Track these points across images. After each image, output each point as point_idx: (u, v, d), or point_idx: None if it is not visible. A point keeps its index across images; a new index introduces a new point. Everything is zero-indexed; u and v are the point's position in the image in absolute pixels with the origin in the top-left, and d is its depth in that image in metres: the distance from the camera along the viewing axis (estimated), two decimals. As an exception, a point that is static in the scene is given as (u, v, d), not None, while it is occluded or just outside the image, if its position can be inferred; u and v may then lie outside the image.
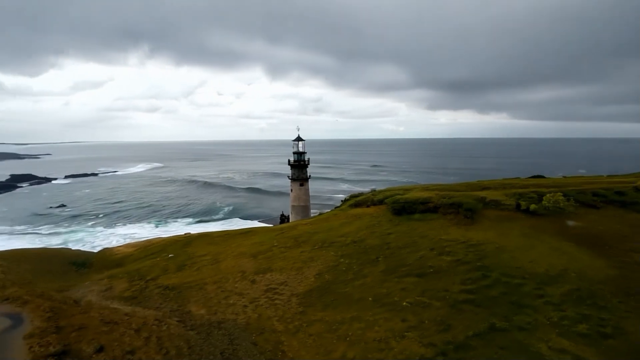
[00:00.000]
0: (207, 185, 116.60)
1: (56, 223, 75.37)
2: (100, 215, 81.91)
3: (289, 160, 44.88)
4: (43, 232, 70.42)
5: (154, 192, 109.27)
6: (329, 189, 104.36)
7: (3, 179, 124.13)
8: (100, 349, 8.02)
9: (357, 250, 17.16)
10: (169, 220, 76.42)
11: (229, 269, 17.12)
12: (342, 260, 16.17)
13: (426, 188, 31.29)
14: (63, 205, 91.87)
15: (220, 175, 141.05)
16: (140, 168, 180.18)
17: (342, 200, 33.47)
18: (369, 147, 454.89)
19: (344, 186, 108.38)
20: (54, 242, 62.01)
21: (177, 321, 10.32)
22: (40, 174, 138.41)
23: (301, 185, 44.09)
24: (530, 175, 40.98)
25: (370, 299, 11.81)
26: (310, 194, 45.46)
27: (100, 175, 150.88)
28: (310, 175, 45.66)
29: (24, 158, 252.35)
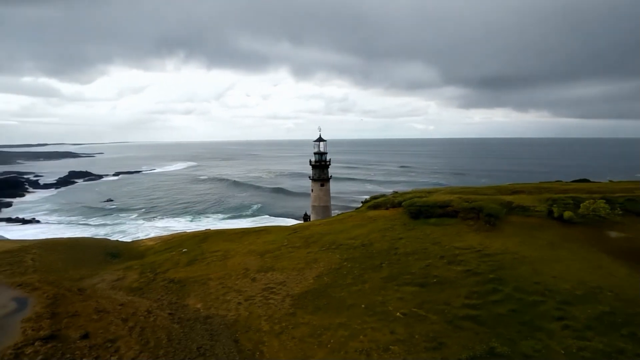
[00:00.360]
0: (237, 184, 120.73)
1: (104, 215, 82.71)
2: (142, 210, 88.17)
3: (310, 161, 44.92)
4: (92, 223, 77.28)
5: (189, 189, 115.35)
6: (355, 189, 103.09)
7: (63, 175, 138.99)
8: (85, 336, 8.40)
9: (363, 254, 16.61)
10: (202, 216, 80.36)
11: (234, 266, 17.40)
12: (345, 263, 15.72)
13: (451, 191, 29.72)
14: (110, 200, 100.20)
15: (249, 175, 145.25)
16: (176, 167, 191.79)
17: (362, 202, 32.83)
18: (397, 147, 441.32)
19: (370, 187, 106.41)
20: (101, 233, 67.75)
21: (168, 313, 10.60)
22: (93, 171, 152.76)
23: (322, 185, 43.94)
24: (573, 179, 37.41)
25: (363, 306, 11.29)
26: (333, 195, 45.13)
27: (142, 172, 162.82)
28: (331, 176, 45.36)
29: (80, 157, 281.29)
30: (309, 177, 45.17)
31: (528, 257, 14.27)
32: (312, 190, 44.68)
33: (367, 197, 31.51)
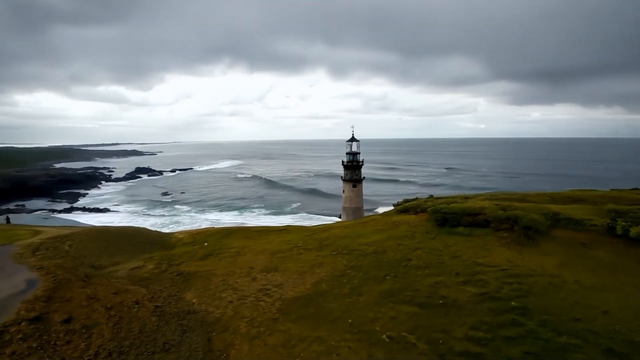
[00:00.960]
0: (276, 182, 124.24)
1: (162, 207, 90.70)
2: (194, 203, 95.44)
3: (342, 161, 44.13)
4: (152, 214, 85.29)
5: (234, 186, 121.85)
6: (392, 192, 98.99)
7: (130, 171, 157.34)
8: (67, 320, 8.91)
9: (370, 263, 15.53)
10: (246, 211, 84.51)
11: (242, 264, 17.55)
12: (349, 271, 14.83)
13: (491, 196, 26.81)
14: (168, 194, 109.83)
15: (288, 174, 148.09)
16: (223, 164, 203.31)
17: (394, 205, 31.19)
18: (442, 147, 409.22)
19: (409, 190, 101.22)
20: (159, 222, 74.58)
21: (154, 306, 10.90)
22: (155, 167, 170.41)
23: (354, 186, 42.86)
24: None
25: (349, 320, 10.35)
26: (368, 196, 43.83)
27: (194, 169, 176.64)
28: (364, 177, 44.06)
29: (144, 154, 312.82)
30: (341, 177, 44.42)
31: (570, 283, 11.58)
32: (343, 191, 43.85)
33: (401, 200, 29.76)
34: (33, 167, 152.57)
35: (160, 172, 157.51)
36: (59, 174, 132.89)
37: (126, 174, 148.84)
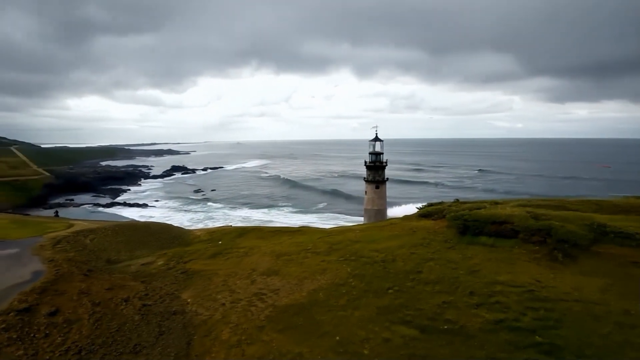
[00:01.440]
0: (302, 182, 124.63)
1: (196, 204, 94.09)
2: (225, 200, 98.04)
3: (365, 162, 42.86)
4: (186, 209, 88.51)
5: (262, 184, 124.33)
6: (419, 194, 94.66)
7: (167, 169, 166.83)
8: (52, 313, 9.01)
9: (376, 272, 14.46)
10: (274, 209, 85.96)
11: (246, 265, 17.26)
12: (350, 280, 13.91)
13: (524, 203, 24.46)
14: (200, 191, 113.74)
15: (314, 174, 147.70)
16: (251, 164, 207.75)
17: (417, 208, 29.58)
18: (474, 147, 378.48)
19: (438, 192, 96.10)
20: (195, 217, 78.11)
21: (142, 304, 10.84)
22: (189, 166, 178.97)
23: (377, 187, 41.41)
24: None
25: (337, 338, 9.41)
26: (392, 199, 42.25)
27: (225, 168, 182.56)
28: (387, 178, 42.49)
29: (179, 153, 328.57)
30: (364, 178, 43.18)
31: (617, 313, 9.36)
32: (365, 192, 42.57)
33: (424, 203, 28.05)
34: (82, 165, 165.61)
35: (193, 171, 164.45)
36: (104, 171, 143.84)
37: (163, 172, 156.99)
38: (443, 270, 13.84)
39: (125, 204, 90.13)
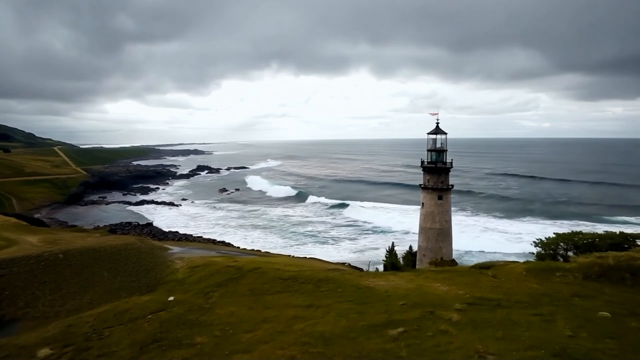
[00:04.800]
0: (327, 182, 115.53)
1: (220, 202, 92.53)
2: (245, 200, 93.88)
3: (422, 162, 30.87)
4: (211, 209, 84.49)
5: (283, 183, 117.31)
6: (470, 205, 78.30)
7: (193, 168, 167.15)
8: None
9: None
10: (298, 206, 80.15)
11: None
12: None
13: None
14: (226, 190, 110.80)
15: (345, 176, 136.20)
16: (272, 164, 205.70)
17: (535, 242, 16.37)
18: (503, 147, 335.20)
19: (496, 203, 79.30)
20: (221, 214, 76.94)
21: None
22: (213, 165, 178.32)
23: (439, 198, 29.42)
24: None
25: None
26: (451, 216, 29.95)
27: (248, 168, 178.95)
28: (452, 185, 30.26)
29: (204, 153, 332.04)
30: (420, 185, 31.22)
31: None
32: (422, 204, 30.54)
33: (542, 238, 15.06)
34: (116, 164, 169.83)
35: (218, 170, 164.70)
36: (135, 170, 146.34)
37: (189, 171, 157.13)
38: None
39: (153, 202, 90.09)
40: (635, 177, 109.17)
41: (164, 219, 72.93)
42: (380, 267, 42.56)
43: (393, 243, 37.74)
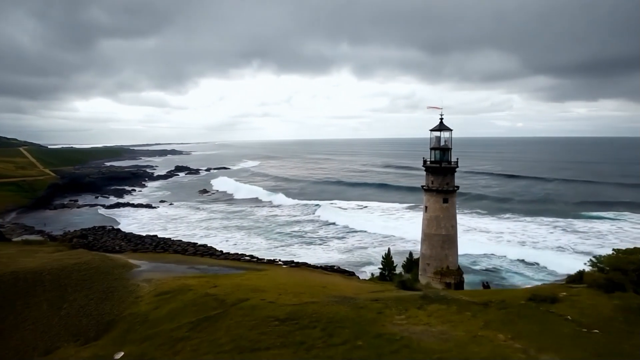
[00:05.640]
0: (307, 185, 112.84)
1: (202, 202, 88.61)
2: (227, 200, 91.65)
3: (424, 161, 28.00)
4: (190, 211, 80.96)
5: (263, 185, 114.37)
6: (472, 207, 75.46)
7: (170, 169, 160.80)
8: None
9: None
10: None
11: None
12: None
13: None
14: (206, 191, 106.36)
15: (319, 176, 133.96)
16: (250, 164, 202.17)
17: (592, 261, 12.56)
18: (482, 146, 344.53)
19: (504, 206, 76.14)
20: (202, 216, 74.06)
21: None
22: (192, 166, 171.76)
23: (445, 201, 26.66)
24: None
25: None
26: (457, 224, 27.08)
27: (228, 169, 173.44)
28: (458, 187, 27.61)
29: (182, 154, 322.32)
30: (422, 186, 28.36)
31: None
32: (425, 208, 27.64)
33: (601, 255, 11.97)
34: (88, 165, 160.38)
35: (197, 171, 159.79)
36: (109, 172, 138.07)
37: (167, 172, 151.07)
38: None
39: (129, 205, 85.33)
40: (603, 175, 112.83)
41: (140, 222, 69.77)
42: (371, 268, 41.37)
43: (389, 249, 34.85)
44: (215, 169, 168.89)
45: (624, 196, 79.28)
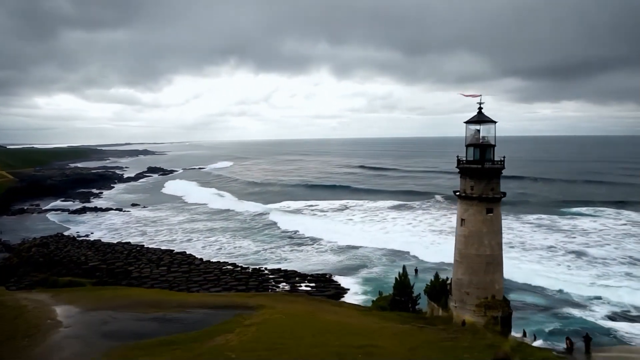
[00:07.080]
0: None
1: (175, 209, 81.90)
2: (205, 203, 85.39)
3: (458, 161, 22.11)
4: (163, 214, 75.29)
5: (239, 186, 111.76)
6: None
7: (143, 170, 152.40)
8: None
9: None
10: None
11: None
12: None
13: None
14: (178, 195, 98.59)
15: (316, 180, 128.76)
16: (225, 164, 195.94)
17: None
18: (456, 146, 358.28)
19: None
20: (182, 218, 69.56)
21: None
22: (166, 167, 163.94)
23: (488, 211, 20.85)
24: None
25: None
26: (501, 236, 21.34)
27: (204, 170, 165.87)
28: (504, 193, 21.92)
29: (155, 154, 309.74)
30: (455, 192, 22.51)
31: None
32: (461, 221, 21.64)
33: None
34: (50, 167, 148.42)
35: (171, 171, 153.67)
36: (73, 174, 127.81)
37: (137, 174, 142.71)
38: None
39: (97, 209, 78.82)
40: (574, 172, 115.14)
41: (111, 228, 63.79)
42: (364, 271, 37.10)
43: (404, 267, 28.66)
44: (189, 169, 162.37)
45: (598, 192, 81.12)
